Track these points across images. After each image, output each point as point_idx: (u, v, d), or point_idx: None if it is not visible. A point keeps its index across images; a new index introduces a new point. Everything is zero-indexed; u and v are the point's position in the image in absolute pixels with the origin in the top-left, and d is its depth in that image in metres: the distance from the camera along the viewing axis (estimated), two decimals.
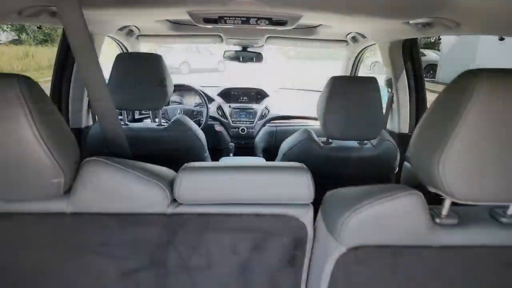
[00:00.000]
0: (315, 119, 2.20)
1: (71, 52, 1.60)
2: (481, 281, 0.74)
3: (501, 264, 0.72)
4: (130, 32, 1.92)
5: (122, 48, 2.11)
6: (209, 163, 0.81)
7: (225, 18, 1.30)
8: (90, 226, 0.75)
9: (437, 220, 0.71)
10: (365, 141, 1.51)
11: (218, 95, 2.75)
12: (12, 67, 10.82)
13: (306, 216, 0.77)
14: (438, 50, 12.05)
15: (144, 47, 2.42)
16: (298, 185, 0.76)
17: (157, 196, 0.74)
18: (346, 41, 2.10)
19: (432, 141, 0.65)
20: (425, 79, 1.83)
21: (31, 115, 0.60)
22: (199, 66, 11.71)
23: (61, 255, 0.77)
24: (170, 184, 0.76)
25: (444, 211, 0.71)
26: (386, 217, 0.68)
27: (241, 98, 2.80)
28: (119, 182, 0.73)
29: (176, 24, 1.90)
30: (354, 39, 1.97)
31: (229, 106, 2.69)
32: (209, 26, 1.44)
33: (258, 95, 2.81)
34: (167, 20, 1.81)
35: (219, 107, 2.66)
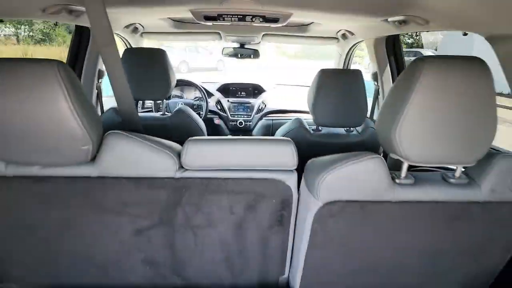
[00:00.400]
0: (308, 112, 2.37)
1: (82, 47, 1.78)
2: (433, 230, 0.90)
3: (449, 217, 0.88)
4: (135, 30, 2.08)
5: (126, 45, 2.27)
6: (210, 137, 0.97)
7: (223, 16, 1.46)
8: (112, 188, 0.91)
9: (397, 181, 0.87)
10: (351, 128, 1.67)
11: (217, 90, 2.92)
12: None
13: (291, 180, 0.93)
14: (435, 49, 12.26)
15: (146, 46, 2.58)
16: (284, 154, 0.92)
17: (167, 163, 0.90)
18: (337, 38, 2.26)
19: (391, 115, 0.82)
20: None
21: (67, 92, 0.76)
22: (198, 65, 11.88)
23: (87, 213, 0.93)
24: (178, 154, 0.92)
25: (403, 173, 0.87)
26: (354, 177, 0.84)
27: (239, 93, 2.97)
28: (136, 151, 0.89)
29: (178, 22, 2.07)
30: (343, 36, 2.13)
31: (228, 101, 2.85)
32: (209, 23, 1.60)
33: (255, 90, 2.98)
34: (170, 18, 1.97)
35: (218, 102, 2.83)
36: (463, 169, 0.89)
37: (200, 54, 12.60)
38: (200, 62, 12.16)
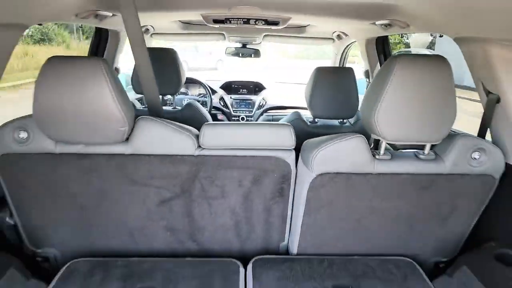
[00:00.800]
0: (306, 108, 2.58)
1: (100, 47, 1.98)
2: (406, 198, 1.11)
3: (420, 187, 1.09)
4: (146, 31, 2.28)
5: None
6: (223, 122, 1.17)
7: (230, 19, 1.66)
8: (142, 164, 1.10)
9: (376, 156, 1.07)
10: (344, 120, 1.88)
11: (220, 87, 3.13)
12: (12, 66, 11.13)
13: (290, 157, 1.13)
14: (433, 49, 12.53)
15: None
16: (284, 135, 1.11)
17: (188, 142, 1.10)
18: (332, 38, 2.47)
19: (371, 102, 1.02)
20: None
21: (109, 83, 0.96)
22: (197, 65, 12.08)
23: (120, 185, 1.13)
24: (196, 136, 1.12)
25: (382, 150, 1.07)
26: (340, 152, 1.04)
27: (240, 90, 3.19)
28: (163, 132, 1.08)
29: (186, 23, 2.27)
30: (338, 37, 2.34)
31: (230, 97, 3.07)
32: (217, 26, 1.81)
33: (256, 87, 3.19)
34: (179, 20, 2.17)
35: (221, 98, 3.04)
36: (431, 150, 1.09)
37: (199, 53, 12.82)
38: (200, 62, 12.37)
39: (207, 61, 12.74)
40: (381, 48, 2.05)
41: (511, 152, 1.10)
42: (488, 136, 1.20)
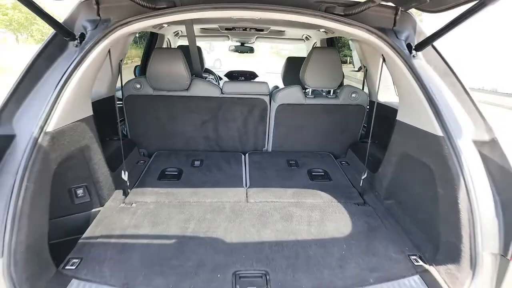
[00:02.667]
0: None
1: (152, 45, 3.23)
2: (322, 118, 2.35)
3: (328, 111, 2.34)
4: (177, 34, 3.52)
5: (167, 43, 3.72)
6: (234, 81, 2.40)
7: (235, 28, 2.92)
8: (194, 101, 2.33)
9: (307, 96, 2.32)
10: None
11: (224, 75, 4.39)
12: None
13: (266, 99, 2.36)
14: None
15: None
16: (263, 87, 2.35)
17: (216, 90, 2.33)
18: (303, 39, 3.73)
19: (304, 69, 2.26)
20: None
21: (183, 61, 2.19)
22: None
23: (182, 113, 2.36)
24: (220, 88, 2.35)
25: (309, 93, 2.32)
26: (289, 93, 2.29)
27: (239, 78, 4.45)
28: (205, 85, 2.32)
29: (204, 29, 3.52)
30: (306, 38, 3.60)
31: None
32: (225, 31, 3.06)
33: (251, 75, 4.46)
34: (200, 27, 3.42)
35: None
36: (333, 94, 2.34)
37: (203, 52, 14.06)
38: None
39: (206, 60, 13.97)
40: (330, 45, 3.31)
41: (372, 94, 2.35)
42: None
